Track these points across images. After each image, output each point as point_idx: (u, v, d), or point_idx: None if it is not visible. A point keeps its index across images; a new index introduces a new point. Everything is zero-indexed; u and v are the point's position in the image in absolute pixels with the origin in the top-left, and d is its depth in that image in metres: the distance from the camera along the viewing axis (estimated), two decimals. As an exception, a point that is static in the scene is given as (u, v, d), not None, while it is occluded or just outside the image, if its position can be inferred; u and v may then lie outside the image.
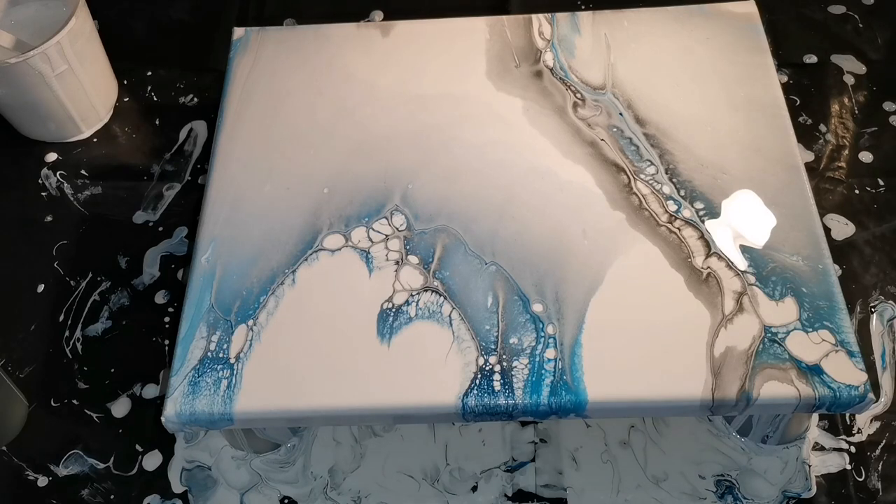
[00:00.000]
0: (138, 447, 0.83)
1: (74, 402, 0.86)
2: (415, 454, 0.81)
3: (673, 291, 0.72)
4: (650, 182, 0.79)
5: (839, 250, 0.90)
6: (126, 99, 1.09)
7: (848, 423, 0.80)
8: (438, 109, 0.85)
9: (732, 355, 0.68)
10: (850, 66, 1.05)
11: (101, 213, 0.99)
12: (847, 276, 0.88)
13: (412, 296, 0.73)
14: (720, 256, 0.74)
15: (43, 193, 1.01)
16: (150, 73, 1.11)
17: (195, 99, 1.08)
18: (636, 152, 0.81)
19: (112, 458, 0.83)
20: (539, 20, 0.92)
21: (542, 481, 0.79)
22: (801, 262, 0.73)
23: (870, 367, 0.82)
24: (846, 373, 0.67)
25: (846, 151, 0.98)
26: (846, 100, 1.02)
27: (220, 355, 0.71)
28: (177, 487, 0.81)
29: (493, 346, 0.70)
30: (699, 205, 0.77)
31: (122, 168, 1.03)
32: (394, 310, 0.72)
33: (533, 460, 0.80)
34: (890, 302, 0.87)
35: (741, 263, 0.73)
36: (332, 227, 0.78)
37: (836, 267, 0.87)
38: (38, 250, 0.96)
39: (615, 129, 0.83)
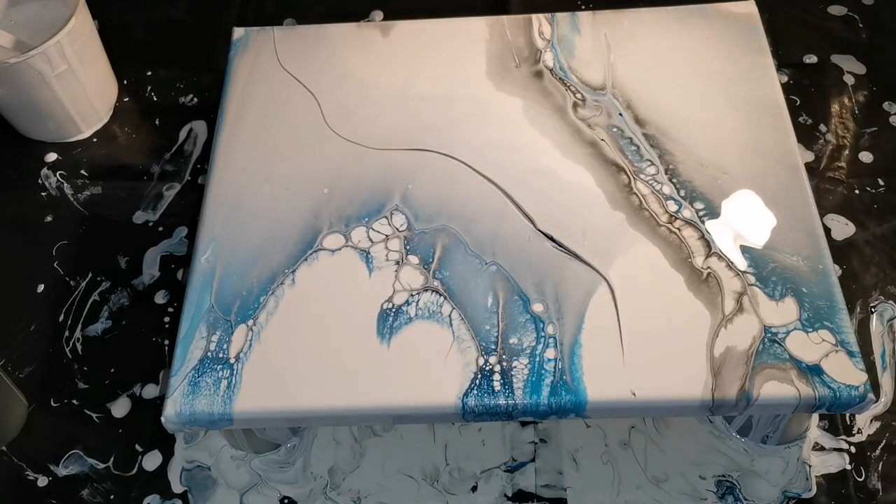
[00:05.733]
0: (138, 447, 0.83)
1: (74, 402, 0.86)
2: (415, 454, 0.81)
3: (673, 291, 0.72)
4: (650, 182, 0.79)
5: (839, 250, 0.90)
6: (126, 99, 1.09)
7: (848, 423, 0.80)
8: (438, 109, 0.85)
9: (732, 355, 0.68)
10: (850, 66, 1.05)
11: (101, 213, 0.99)
12: (847, 276, 0.88)
13: (412, 296, 0.73)
14: (720, 256, 0.74)
15: (43, 193, 1.01)
16: (150, 73, 1.11)
17: (195, 99, 1.08)
18: (636, 152, 0.81)
19: (112, 458, 0.83)
20: (539, 20, 0.92)
21: (542, 481, 0.79)
22: (801, 262, 0.73)
23: (870, 367, 0.82)
24: (846, 373, 0.67)
25: (846, 151, 0.98)
26: (846, 100, 1.02)
27: (220, 355, 0.71)
28: (177, 487, 0.81)
29: (493, 346, 0.70)
30: (699, 205, 0.77)
31: (122, 168, 1.03)
32: (394, 310, 0.72)
33: (533, 460, 0.80)
34: (890, 302, 0.87)
35: (741, 263, 0.73)
36: (332, 227, 0.78)
37: (836, 267, 0.87)
38: (38, 250, 0.96)
39: (615, 130, 0.83)
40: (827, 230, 0.91)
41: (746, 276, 0.73)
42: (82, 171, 1.03)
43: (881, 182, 0.95)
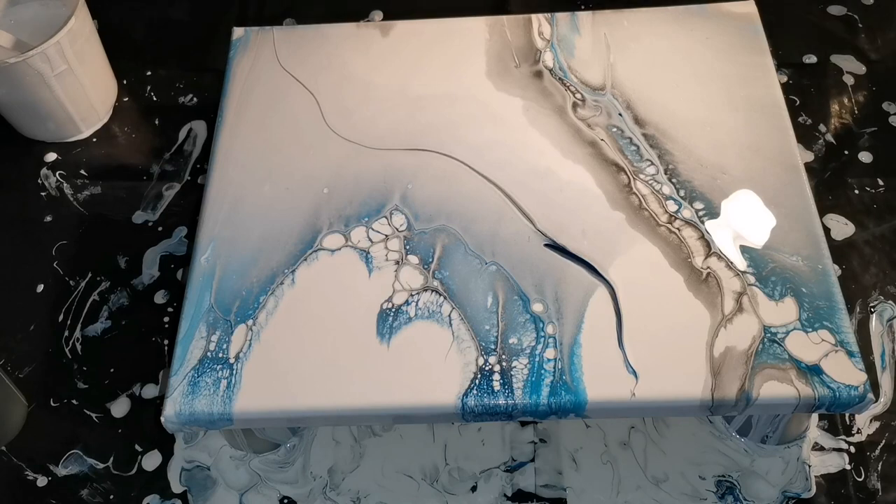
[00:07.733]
0: (138, 447, 0.83)
1: (74, 402, 0.86)
2: (414, 454, 0.81)
3: (673, 291, 0.72)
4: (650, 182, 0.79)
5: (839, 250, 0.90)
6: (126, 99, 1.09)
7: (848, 423, 0.80)
8: (438, 109, 0.85)
9: (732, 355, 0.68)
10: (850, 66, 1.05)
11: (100, 213, 0.99)
12: (847, 276, 0.88)
13: (412, 296, 0.73)
14: (720, 256, 0.74)
15: (42, 193, 1.01)
16: (149, 73, 1.11)
17: (195, 99, 1.08)
18: (636, 152, 0.81)
19: (112, 458, 0.83)
20: (539, 20, 0.92)
21: (541, 481, 0.79)
22: (800, 262, 0.73)
23: (869, 367, 0.82)
24: (846, 373, 0.67)
25: (846, 151, 0.98)
26: (846, 100, 1.02)
27: (220, 355, 0.71)
28: (176, 487, 0.81)
29: (492, 346, 0.70)
30: (699, 205, 0.77)
31: (121, 168, 1.03)
32: (394, 310, 0.72)
33: (532, 460, 0.80)
34: (890, 302, 0.87)
35: (741, 263, 0.73)
36: (332, 227, 0.78)
37: (836, 267, 0.87)
38: (38, 250, 0.96)
39: (615, 130, 0.83)
40: (827, 230, 0.91)
41: (746, 276, 0.73)
42: (82, 171, 1.03)
43: (881, 182, 0.95)
